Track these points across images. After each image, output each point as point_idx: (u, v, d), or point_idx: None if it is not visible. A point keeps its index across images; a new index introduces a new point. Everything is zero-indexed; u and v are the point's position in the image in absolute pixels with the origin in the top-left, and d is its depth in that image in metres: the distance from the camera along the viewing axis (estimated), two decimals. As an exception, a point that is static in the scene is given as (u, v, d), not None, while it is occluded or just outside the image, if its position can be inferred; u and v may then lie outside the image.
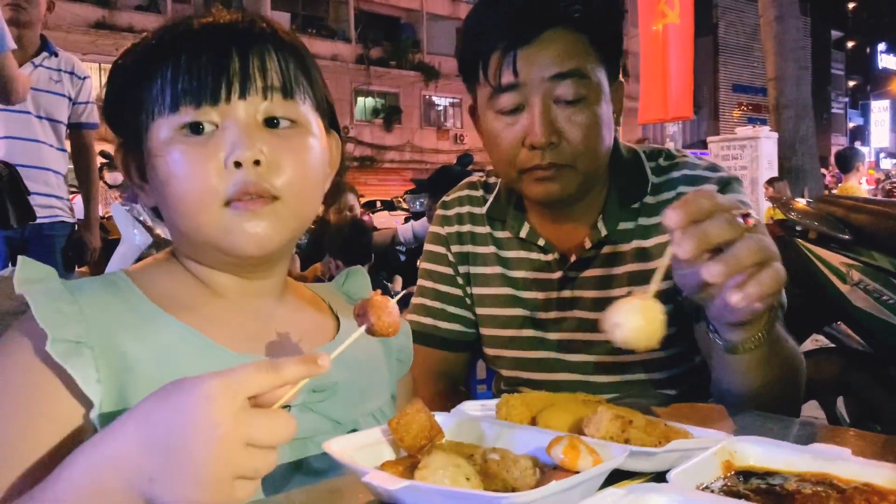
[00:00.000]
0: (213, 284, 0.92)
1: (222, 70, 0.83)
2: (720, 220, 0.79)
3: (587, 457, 0.68)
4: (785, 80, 11.17)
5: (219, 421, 0.62)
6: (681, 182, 1.33)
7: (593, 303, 1.33)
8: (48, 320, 0.77)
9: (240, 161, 0.82)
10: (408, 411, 0.76)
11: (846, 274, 2.40)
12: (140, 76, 0.87)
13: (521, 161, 1.24)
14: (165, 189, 0.84)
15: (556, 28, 1.20)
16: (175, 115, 0.83)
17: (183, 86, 0.83)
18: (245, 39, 0.86)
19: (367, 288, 1.14)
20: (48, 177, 3.33)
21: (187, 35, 0.86)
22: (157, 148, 0.85)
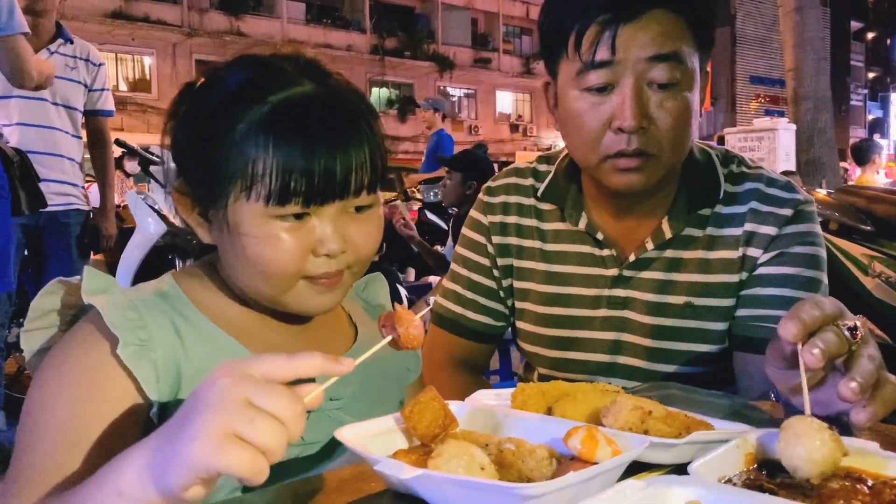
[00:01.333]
0: (252, 299, 0.96)
1: (332, 175, 0.86)
2: (834, 334, 0.80)
3: (606, 447, 0.67)
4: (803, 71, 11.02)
5: (221, 380, 0.64)
6: (754, 197, 1.27)
7: (646, 306, 1.29)
8: (119, 327, 0.84)
9: (329, 253, 0.88)
10: (421, 399, 0.75)
11: (868, 266, 2.35)
12: (234, 140, 0.86)
13: (605, 146, 1.17)
14: (251, 264, 0.88)
15: (660, 8, 1.14)
16: (277, 208, 0.85)
17: (296, 185, 0.85)
18: (349, 134, 0.88)
19: (385, 295, 1.17)
20: (63, 164, 3.34)
21: (291, 115, 0.86)
22: (249, 227, 0.87)
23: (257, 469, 0.61)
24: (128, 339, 0.84)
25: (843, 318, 0.83)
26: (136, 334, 0.85)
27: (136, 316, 0.87)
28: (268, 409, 0.62)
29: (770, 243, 1.24)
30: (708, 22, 1.21)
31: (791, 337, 0.78)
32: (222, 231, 0.90)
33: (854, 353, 0.81)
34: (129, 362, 0.83)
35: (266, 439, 0.61)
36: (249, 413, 0.61)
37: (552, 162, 1.41)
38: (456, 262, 1.47)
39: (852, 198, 2.55)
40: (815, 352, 0.77)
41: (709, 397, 1.04)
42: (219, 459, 0.60)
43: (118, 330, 0.84)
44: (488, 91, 36.12)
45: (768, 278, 1.24)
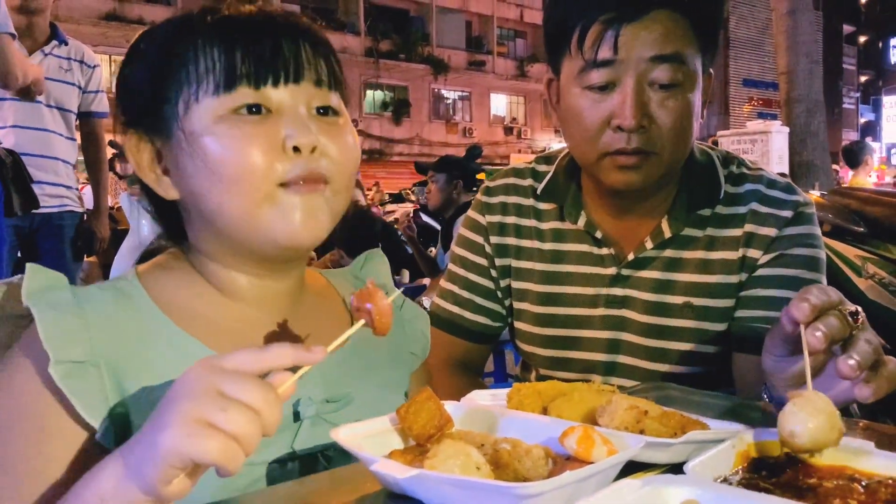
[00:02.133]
0: (228, 288, 0.90)
1: (279, 54, 0.83)
2: (837, 318, 0.81)
3: (602, 447, 0.67)
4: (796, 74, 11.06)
5: (191, 372, 0.64)
6: (754, 198, 1.28)
7: (645, 305, 1.29)
8: (52, 340, 0.76)
9: (299, 146, 0.82)
10: (417, 399, 0.74)
11: (861, 267, 2.36)
12: (175, 57, 0.84)
13: (604, 143, 1.18)
14: (217, 167, 0.82)
15: (663, 8, 1.14)
16: (230, 96, 0.82)
17: (243, 67, 0.82)
18: (295, 30, 0.86)
19: (386, 272, 1.12)
20: (57, 166, 3.31)
21: (231, 21, 0.85)
22: (206, 128, 0.82)
23: (230, 456, 0.61)
24: (60, 356, 0.76)
25: (844, 304, 0.84)
26: (74, 349, 0.77)
27: (80, 324, 0.79)
28: (239, 398, 0.62)
29: (770, 244, 1.25)
30: (712, 24, 1.21)
31: (803, 317, 0.80)
32: (180, 159, 0.84)
33: (853, 336, 0.82)
34: (61, 382, 0.75)
35: (238, 426, 0.61)
36: (221, 401, 0.62)
37: (551, 162, 1.41)
38: (454, 262, 1.47)
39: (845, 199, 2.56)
40: (817, 334, 0.79)
41: (705, 397, 1.04)
42: (190, 446, 0.60)
43: (51, 345, 0.76)
44: (482, 94, 36.15)
45: (768, 279, 1.24)
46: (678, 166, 1.24)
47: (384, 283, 1.10)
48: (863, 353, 0.80)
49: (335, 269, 1.10)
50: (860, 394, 0.82)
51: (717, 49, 1.24)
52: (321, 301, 1.00)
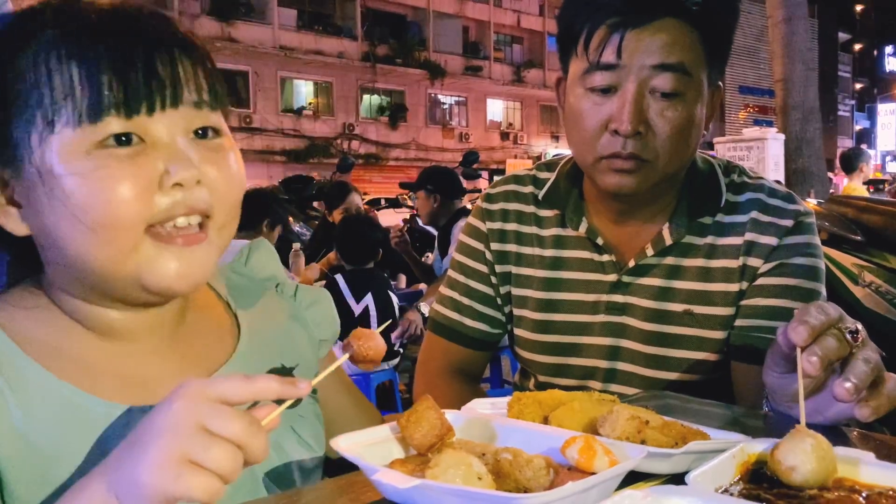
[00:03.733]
0: (96, 326, 0.80)
1: (153, 75, 0.72)
2: (835, 339, 0.82)
3: (603, 457, 0.67)
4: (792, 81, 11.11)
5: (174, 405, 0.62)
6: (755, 207, 1.28)
7: (645, 312, 1.29)
8: None
9: (181, 182, 0.73)
10: (417, 409, 0.74)
11: (858, 275, 2.37)
12: (20, 74, 0.72)
13: (601, 146, 1.18)
14: (81, 213, 0.71)
15: (672, 17, 1.13)
16: (95, 127, 0.71)
17: (110, 94, 0.71)
18: (167, 39, 0.75)
19: (275, 264, 1.04)
20: None
21: (89, 27, 0.73)
22: (67, 166, 0.71)
23: (213, 492, 0.61)
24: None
25: (844, 322, 0.84)
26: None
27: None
28: (223, 434, 0.62)
29: (770, 253, 1.25)
30: (723, 37, 1.21)
31: (801, 341, 0.80)
32: (34, 196, 0.73)
33: (853, 355, 0.82)
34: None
35: (222, 465, 0.61)
36: (205, 440, 0.61)
37: (553, 168, 1.41)
38: (453, 269, 1.47)
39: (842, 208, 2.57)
40: (812, 359, 0.79)
41: (705, 406, 1.04)
42: (178, 487, 0.60)
43: None
44: (479, 99, 36.20)
45: (768, 289, 1.24)
46: (676, 175, 1.24)
47: (273, 274, 1.03)
48: (860, 374, 0.81)
49: (216, 271, 0.97)
50: (860, 414, 0.82)
51: (726, 61, 1.24)
52: (203, 314, 0.90)
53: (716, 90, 1.25)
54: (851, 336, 0.83)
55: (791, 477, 0.68)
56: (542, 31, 38.08)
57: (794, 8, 11.29)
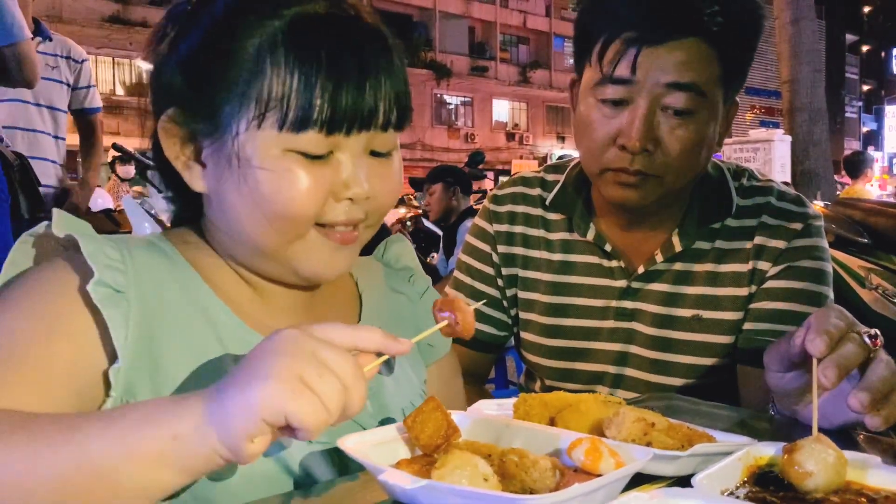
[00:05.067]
0: (244, 275, 0.88)
1: (360, 102, 0.77)
2: (854, 345, 0.81)
3: (609, 459, 0.67)
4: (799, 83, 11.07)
5: (287, 333, 0.64)
6: (765, 211, 1.27)
7: (654, 318, 1.29)
8: (97, 262, 0.75)
9: (354, 197, 0.80)
10: (423, 409, 0.74)
11: (865, 278, 2.36)
12: (251, 57, 0.77)
13: (608, 159, 1.17)
14: (264, 203, 0.78)
15: (690, 36, 1.12)
16: (297, 136, 0.76)
17: (319, 109, 0.76)
18: (378, 59, 0.80)
19: (411, 256, 1.10)
20: (47, 167, 3.24)
21: (313, 31, 0.77)
22: (264, 159, 0.77)
23: (319, 422, 0.62)
24: (104, 277, 0.74)
25: (857, 325, 0.83)
26: (113, 276, 0.75)
27: (118, 257, 0.77)
28: (332, 368, 0.63)
29: (779, 256, 1.25)
30: (743, 56, 1.19)
31: (818, 353, 0.79)
32: (224, 169, 0.79)
33: (871, 359, 0.81)
34: (99, 303, 0.74)
35: (330, 396, 0.62)
36: (319, 367, 0.62)
37: (561, 171, 1.41)
38: (460, 270, 1.46)
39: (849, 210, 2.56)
40: (828, 373, 0.78)
41: (712, 408, 1.04)
42: (290, 402, 0.60)
43: (96, 264, 0.74)
44: (485, 99, 36.21)
45: (776, 292, 1.24)
46: (682, 190, 1.23)
47: (408, 265, 1.09)
48: (876, 384, 0.80)
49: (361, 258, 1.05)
50: (871, 423, 0.81)
51: (745, 79, 1.22)
52: (335, 289, 0.97)
53: (732, 107, 1.24)
54: (871, 340, 0.82)
55: (804, 482, 0.68)
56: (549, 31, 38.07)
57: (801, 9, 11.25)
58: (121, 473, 0.62)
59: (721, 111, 1.20)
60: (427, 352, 1.06)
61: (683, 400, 1.07)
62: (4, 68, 2.62)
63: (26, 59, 2.64)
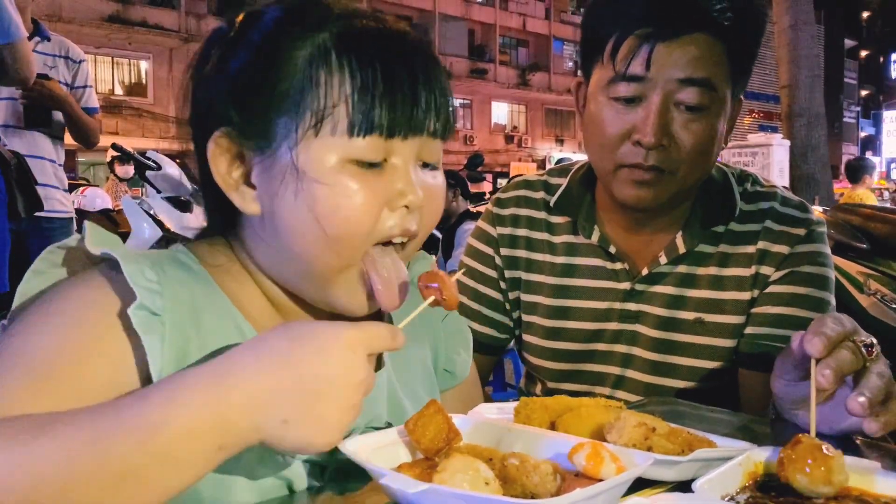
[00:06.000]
0: (275, 300, 0.86)
1: (415, 102, 0.77)
2: (850, 352, 0.81)
3: (611, 464, 0.67)
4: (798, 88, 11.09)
5: (361, 373, 0.66)
6: (769, 216, 1.27)
7: (657, 320, 1.29)
8: (138, 282, 0.73)
9: (409, 205, 0.79)
10: (425, 413, 0.74)
11: (864, 284, 2.36)
12: (302, 69, 0.76)
13: (622, 155, 1.18)
14: (323, 220, 0.75)
15: (701, 31, 1.13)
16: (356, 143, 0.75)
17: (376, 113, 0.75)
18: (428, 66, 0.80)
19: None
20: (45, 166, 3.21)
21: (367, 41, 0.77)
22: (322, 174, 0.75)
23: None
24: (145, 301, 0.73)
25: (859, 334, 0.83)
26: (153, 299, 0.74)
27: (155, 278, 0.75)
28: (359, 404, 0.67)
29: (782, 261, 1.25)
30: (748, 53, 1.20)
31: (816, 353, 0.79)
32: (278, 186, 0.76)
33: (866, 369, 0.82)
34: (139, 327, 0.72)
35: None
36: (357, 409, 0.67)
37: (564, 174, 1.41)
38: (462, 272, 1.46)
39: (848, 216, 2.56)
40: (826, 372, 0.79)
41: (712, 413, 1.04)
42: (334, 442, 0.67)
43: (137, 287, 0.72)
44: (484, 101, 36.23)
45: (778, 297, 1.24)
46: (693, 186, 1.24)
47: None
48: (874, 389, 0.80)
49: None
50: (869, 428, 0.82)
51: (749, 76, 1.23)
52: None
53: (737, 104, 1.24)
54: (866, 349, 0.82)
55: (803, 485, 0.68)
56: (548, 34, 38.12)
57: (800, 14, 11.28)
58: (157, 481, 0.61)
59: (729, 107, 1.20)
60: (444, 378, 1.04)
61: (684, 404, 1.07)
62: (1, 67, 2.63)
63: (22, 58, 2.65)
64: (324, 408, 0.64)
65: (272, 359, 0.64)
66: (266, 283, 0.85)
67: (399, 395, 0.92)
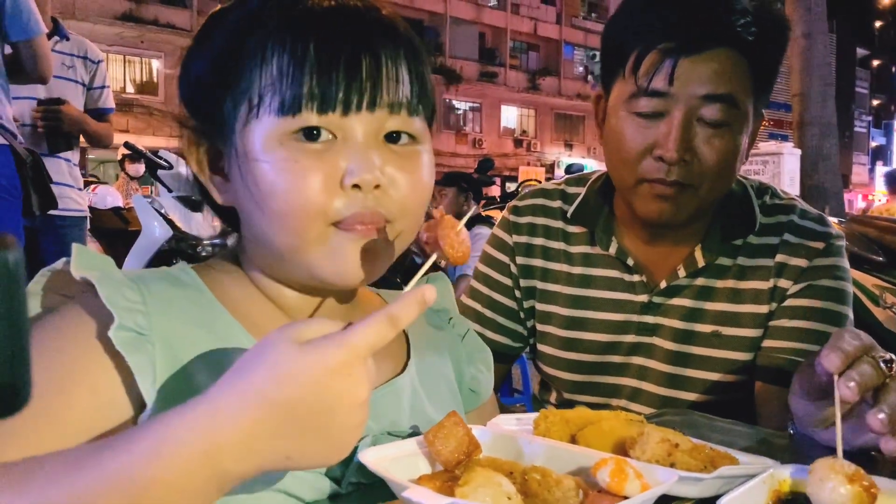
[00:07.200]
0: (280, 301, 0.83)
1: (356, 76, 0.74)
2: (870, 367, 0.80)
3: (635, 481, 0.66)
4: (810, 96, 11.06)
5: (361, 393, 0.60)
6: (787, 229, 1.26)
7: (675, 333, 1.28)
8: (116, 307, 0.70)
9: (359, 184, 0.74)
10: (445, 424, 0.73)
11: (879, 297, 2.34)
12: (246, 55, 0.75)
13: (644, 170, 1.17)
14: (266, 199, 0.75)
15: (724, 47, 1.12)
16: (292, 119, 0.74)
17: (310, 88, 0.73)
18: (379, 38, 0.76)
19: (451, 298, 1.05)
20: (60, 165, 3.24)
21: (311, 18, 0.75)
22: (261, 152, 0.74)
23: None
24: (125, 321, 0.70)
25: (877, 350, 0.82)
26: (135, 319, 0.71)
27: (138, 298, 0.73)
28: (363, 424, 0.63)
29: (800, 275, 1.24)
30: (771, 69, 1.20)
31: (833, 368, 0.78)
32: (235, 173, 0.77)
33: (886, 385, 0.80)
34: (122, 348, 0.69)
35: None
36: (361, 428, 0.62)
37: (582, 184, 1.40)
38: (477, 279, 1.46)
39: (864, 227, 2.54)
40: (850, 385, 0.77)
41: (731, 425, 1.03)
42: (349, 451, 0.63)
43: (115, 308, 0.70)
44: (493, 105, 36.24)
45: (795, 310, 1.24)
46: (715, 201, 1.23)
47: (446, 308, 1.04)
48: (893, 405, 0.79)
49: (391, 291, 1.01)
50: (886, 447, 0.80)
51: (771, 92, 1.23)
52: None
53: (758, 119, 1.23)
54: (886, 365, 0.81)
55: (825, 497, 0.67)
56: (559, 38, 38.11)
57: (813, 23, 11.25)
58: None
59: (751, 123, 1.20)
60: (468, 397, 1.01)
61: (700, 416, 1.06)
62: (19, 64, 2.64)
63: (41, 54, 2.66)
64: (326, 435, 0.60)
65: (259, 402, 0.58)
66: (265, 283, 0.83)
67: (423, 403, 0.90)
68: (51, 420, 0.67)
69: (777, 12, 1.20)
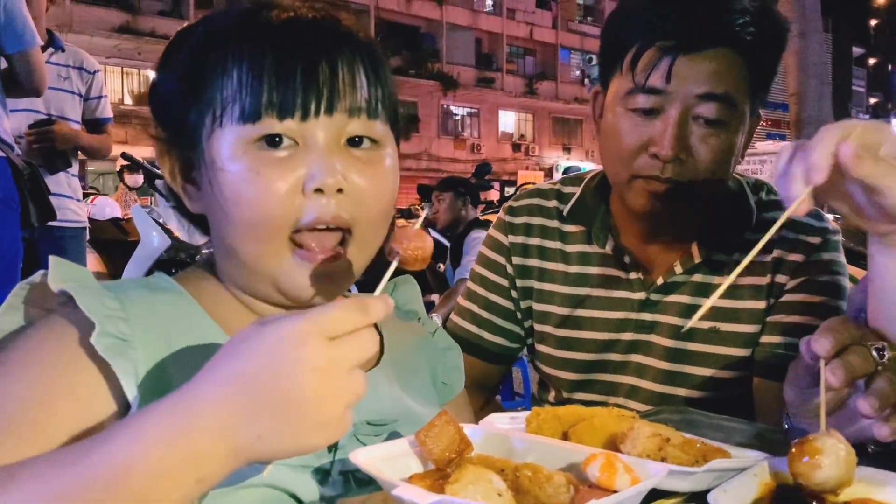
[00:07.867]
0: (254, 307, 0.85)
1: (313, 81, 0.76)
2: (861, 356, 0.80)
3: (625, 475, 0.66)
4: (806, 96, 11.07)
5: (318, 362, 0.59)
6: (784, 224, 1.26)
7: (672, 330, 1.28)
8: (96, 314, 0.71)
9: (322, 188, 0.75)
10: (436, 423, 0.74)
11: (875, 292, 2.34)
12: (209, 69, 0.78)
13: (638, 166, 1.17)
14: (231, 207, 0.77)
15: (723, 46, 1.12)
16: (252, 126, 0.76)
17: (269, 95, 0.75)
18: (335, 46, 0.78)
19: (417, 299, 1.08)
20: (58, 176, 3.22)
21: (269, 30, 0.78)
22: (226, 160, 0.76)
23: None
24: (107, 328, 0.71)
25: (869, 338, 0.82)
26: (116, 325, 0.72)
27: (117, 306, 0.74)
28: (361, 364, 0.61)
29: (797, 270, 1.24)
30: (769, 69, 1.20)
31: (823, 352, 0.78)
32: (205, 182, 0.79)
33: (878, 373, 0.80)
34: (106, 354, 0.70)
35: (364, 390, 0.61)
36: (354, 380, 0.60)
37: (577, 183, 1.40)
38: (473, 281, 1.45)
39: (859, 223, 2.54)
40: (836, 371, 0.77)
41: (727, 422, 1.03)
42: (343, 433, 0.61)
43: (96, 316, 0.71)
44: (491, 110, 36.33)
45: (792, 305, 1.24)
46: (708, 200, 1.22)
47: (415, 309, 1.07)
48: (885, 392, 0.79)
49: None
50: (879, 433, 0.80)
51: (768, 92, 1.23)
52: None
53: (755, 119, 1.23)
54: (878, 353, 0.81)
55: (812, 475, 0.67)
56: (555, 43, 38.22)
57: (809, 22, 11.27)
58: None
59: (748, 122, 1.20)
60: (442, 391, 1.03)
61: (698, 413, 1.06)
62: (14, 76, 2.64)
63: (35, 67, 2.66)
64: (294, 410, 0.59)
65: (225, 379, 0.60)
66: (237, 290, 0.84)
67: (400, 394, 0.90)
68: (36, 430, 0.68)
69: (776, 13, 1.20)
